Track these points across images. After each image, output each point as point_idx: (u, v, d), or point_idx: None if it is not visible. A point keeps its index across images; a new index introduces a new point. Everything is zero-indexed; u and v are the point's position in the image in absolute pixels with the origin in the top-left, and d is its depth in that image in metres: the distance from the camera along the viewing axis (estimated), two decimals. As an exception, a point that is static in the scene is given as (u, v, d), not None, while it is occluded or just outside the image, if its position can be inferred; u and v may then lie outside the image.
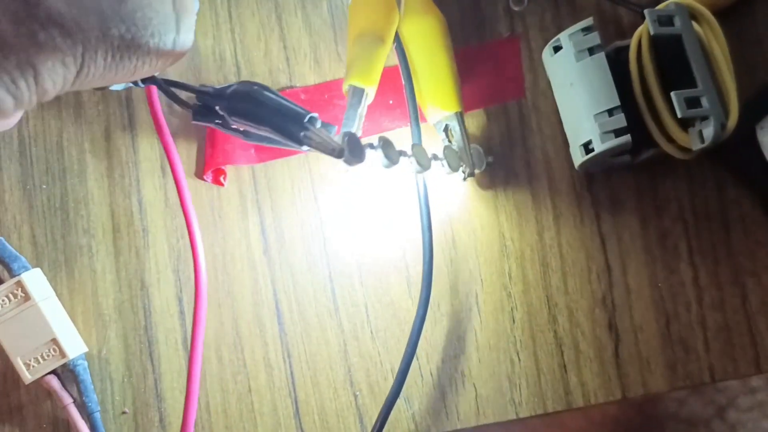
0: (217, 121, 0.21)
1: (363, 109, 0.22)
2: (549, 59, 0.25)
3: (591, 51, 0.23)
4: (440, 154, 0.24)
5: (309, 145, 0.19)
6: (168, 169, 0.27)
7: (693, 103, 0.22)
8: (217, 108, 0.20)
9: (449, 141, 0.24)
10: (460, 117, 0.24)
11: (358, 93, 0.23)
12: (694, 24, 0.23)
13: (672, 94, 0.22)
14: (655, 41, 0.23)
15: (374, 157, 0.21)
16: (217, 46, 0.27)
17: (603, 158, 0.24)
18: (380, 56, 0.23)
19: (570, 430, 0.48)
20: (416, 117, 0.24)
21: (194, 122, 0.21)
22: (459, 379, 0.25)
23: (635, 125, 0.23)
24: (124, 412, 0.26)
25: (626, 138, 0.23)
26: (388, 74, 0.24)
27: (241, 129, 0.21)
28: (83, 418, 0.25)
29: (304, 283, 0.27)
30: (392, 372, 0.25)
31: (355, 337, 0.26)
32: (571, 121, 0.24)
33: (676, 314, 0.25)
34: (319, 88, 0.27)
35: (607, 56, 0.23)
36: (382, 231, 0.26)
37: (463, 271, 0.25)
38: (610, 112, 0.23)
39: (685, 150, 0.23)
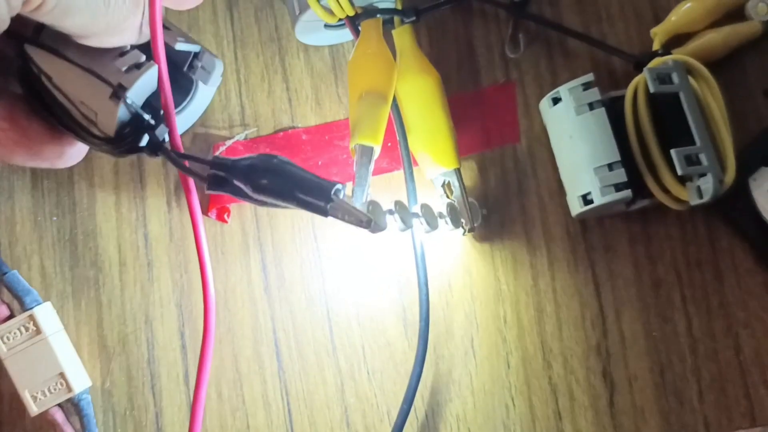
0: (231, 188, 0.18)
1: (372, 167, 0.20)
2: (547, 110, 0.23)
3: (591, 106, 0.21)
4: (444, 211, 0.22)
5: (335, 217, 0.17)
6: (173, 204, 0.23)
7: (692, 160, 0.20)
8: (236, 182, 0.17)
9: (447, 196, 0.22)
10: (459, 173, 0.22)
11: (367, 152, 0.20)
12: (691, 79, 0.21)
13: (672, 152, 0.20)
14: (651, 95, 0.21)
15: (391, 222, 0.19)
16: (223, 86, 0.25)
17: (600, 209, 0.21)
18: (384, 114, 0.21)
19: None
20: (411, 175, 0.22)
21: (209, 192, 0.18)
22: (454, 423, 0.21)
23: (630, 175, 0.21)
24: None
25: (627, 192, 0.21)
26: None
27: (259, 199, 0.18)
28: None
29: (302, 321, 0.23)
30: (388, 414, 0.22)
31: (352, 377, 0.22)
32: (569, 172, 0.23)
33: (670, 364, 0.21)
34: (320, 129, 0.24)
35: (603, 104, 0.21)
36: (379, 272, 0.23)
37: (459, 314, 0.23)
38: (611, 166, 0.21)
39: (681, 201, 0.21)
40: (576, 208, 0.22)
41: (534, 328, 0.22)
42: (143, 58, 0.16)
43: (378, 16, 0.21)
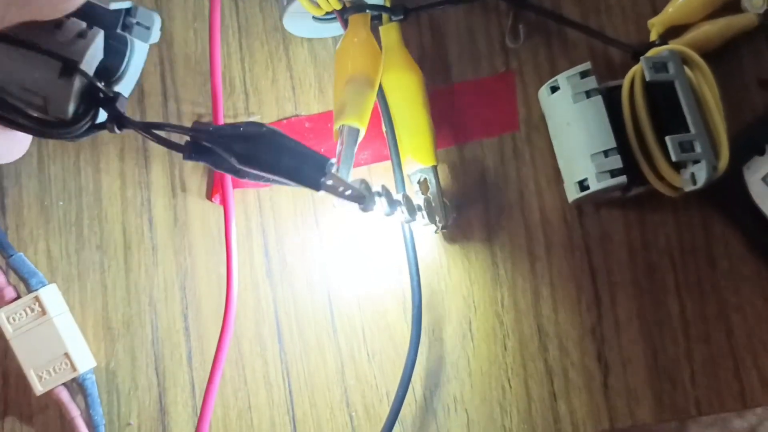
0: (213, 158, 0.16)
1: (356, 149, 0.21)
2: (546, 98, 0.23)
3: (588, 94, 0.22)
4: (422, 204, 0.22)
5: (328, 191, 0.16)
6: (178, 189, 0.24)
7: (686, 146, 0.20)
8: (219, 151, 0.15)
9: (422, 193, 0.22)
10: (435, 171, 0.22)
11: (353, 133, 0.21)
12: (686, 69, 0.22)
13: (667, 138, 0.20)
14: (647, 84, 0.21)
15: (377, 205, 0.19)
16: (228, 73, 0.24)
17: (597, 195, 0.22)
18: (371, 99, 0.21)
19: None
20: (399, 164, 0.22)
21: (186, 160, 0.16)
22: (451, 404, 0.21)
23: (626, 162, 0.21)
24: (129, 424, 0.22)
25: (622, 178, 0.21)
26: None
27: (243, 171, 0.16)
28: (89, 430, 0.22)
29: (304, 304, 0.23)
30: (387, 395, 0.22)
31: (352, 358, 0.22)
32: (566, 158, 0.23)
33: (663, 347, 0.21)
34: (323, 117, 0.25)
35: (601, 94, 0.22)
36: (379, 256, 0.23)
37: (457, 297, 0.23)
38: (606, 153, 0.21)
39: (675, 188, 0.22)
40: (573, 194, 0.22)
41: (530, 312, 0.23)
42: (84, 25, 0.14)
43: (366, 11, 0.22)
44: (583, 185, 0.22)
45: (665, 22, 0.23)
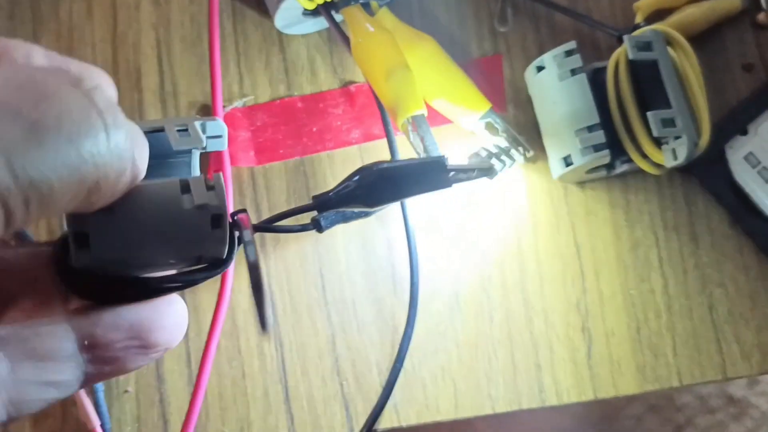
0: (340, 216, 0.17)
1: (430, 128, 0.22)
2: (532, 78, 0.24)
3: (573, 72, 0.22)
4: (493, 151, 0.23)
5: (459, 182, 0.16)
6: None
7: (667, 123, 0.21)
8: (348, 210, 0.16)
9: (494, 135, 0.23)
10: (493, 111, 0.23)
11: (421, 119, 0.22)
12: (669, 49, 0.22)
13: (648, 114, 0.21)
14: (631, 63, 0.22)
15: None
16: (223, 56, 0.25)
17: (581, 171, 0.22)
18: (413, 79, 0.22)
19: None
20: (392, 139, 0.23)
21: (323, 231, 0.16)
22: (439, 374, 0.22)
23: (611, 141, 0.22)
24: (126, 391, 0.23)
25: (605, 153, 0.22)
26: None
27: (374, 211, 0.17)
28: (88, 395, 0.23)
29: (296, 278, 0.24)
30: (376, 364, 0.23)
31: (343, 330, 0.23)
32: (551, 136, 0.23)
33: (646, 320, 0.22)
34: (315, 97, 0.26)
35: (587, 75, 0.22)
36: (370, 231, 0.24)
37: (446, 273, 0.24)
38: (590, 128, 0.22)
39: (658, 166, 0.22)
40: (557, 170, 0.23)
41: (517, 286, 0.23)
42: (202, 176, 0.13)
43: (353, 2, 0.22)
44: (567, 161, 0.22)
45: (651, 5, 0.24)
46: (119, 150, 0.10)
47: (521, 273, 0.24)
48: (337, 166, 0.25)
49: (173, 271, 0.13)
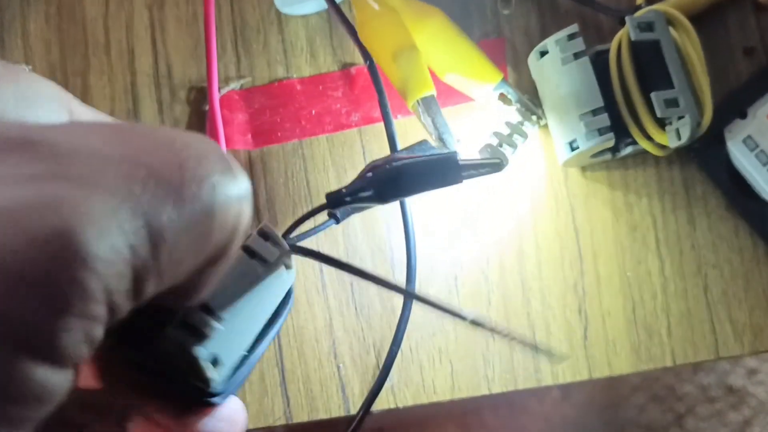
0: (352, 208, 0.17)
1: (439, 108, 0.22)
2: (535, 63, 0.24)
3: (576, 56, 0.22)
4: (505, 126, 0.23)
5: (470, 178, 0.17)
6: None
7: (671, 103, 0.21)
8: (361, 205, 0.17)
9: (508, 104, 0.24)
10: (505, 80, 0.23)
11: (431, 101, 0.22)
12: (671, 30, 0.22)
13: (652, 95, 0.21)
14: (634, 45, 0.22)
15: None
16: (219, 36, 0.25)
17: (586, 156, 0.23)
18: (424, 61, 0.22)
19: None
20: (390, 122, 0.23)
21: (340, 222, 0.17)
22: (436, 356, 0.23)
23: (615, 124, 0.22)
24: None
25: (609, 136, 0.22)
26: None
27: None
28: None
29: (294, 261, 0.24)
30: (374, 346, 0.23)
31: (341, 313, 0.23)
32: (556, 121, 0.23)
33: (642, 301, 0.23)
34: (314, 79, 0.26)
35: (589, 59, 0.22)
36: (369, 212, 0.24)
37: (444, 255, 0.24)
38: (594, 112, 0.22)
39: (662, 147, 0.22)
40: (563, 155, 0.23)
41: (515, 268, 0.23)
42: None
43: None
44: (572, 146, 0.22)
45: (652, -15, 0.24)
46: (247, 192, 0.10)
47: (519, 255, 0.24)
48: (337, 149, 0.25)
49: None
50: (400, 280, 0.23)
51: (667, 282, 0.23)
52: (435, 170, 0.17)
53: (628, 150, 0.23)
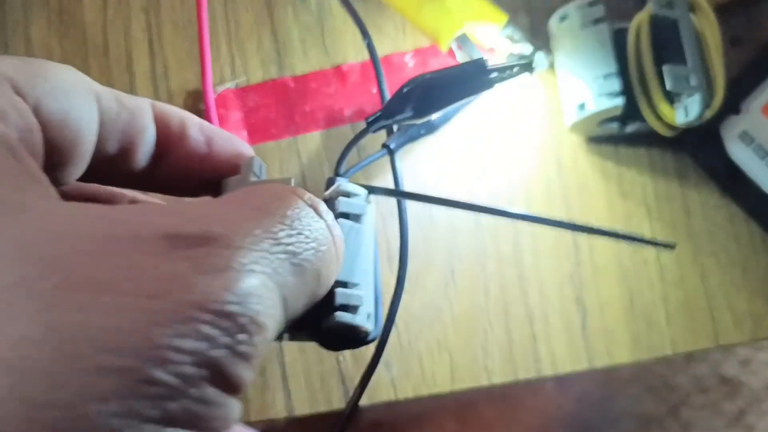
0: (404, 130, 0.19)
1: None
2: (555, 27, 0.24)
3: (595, 22, 0.23)
4: (523, 55, 0.24)
5: (501, 81, 0.18)
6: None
7: (682, 78, 0.21)
8: (399, 123, 0.17)
9: (515, 43, 0.24)
10: (511, 22, 0.24)
11: (464, 38, 0.23)
12: (691, 14, 0.22)
13: (664, 67, 0.21)
14: (653, 25, 0.22)
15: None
16: (214, 39, 0.26)
17: (594, 121, 0.23)
18: (446, 2, 0.23)
19: (527, 427, 0.45)
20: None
21: (397, 150, 0.18)
22: (435, 347, 0.23)
23: (628, 100, 0.22)
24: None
25: (619, 101, 0.22)
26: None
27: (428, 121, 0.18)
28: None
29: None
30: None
31: (339, 308, 0.23)
32: (568, 84, 0.24)
33: (639, 290, 0.23)
34: (307, 78, 0.26)
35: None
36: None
37: (440, 247, 0.24)
38: (607, 76, 0.22)
39: (669, 128, 0.22)
40: (572, 118, 0.23)
41: (511, 259, 0.24)
42: None
43: None
44: (582, 108, 0.22)
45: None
46: (341, 240, 0.12)
47: (515, 246, 0.24)
48: (331, 144, 0.26)
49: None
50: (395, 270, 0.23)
51: (665, 271, 0.23)
52: (466, 77, 0.17)
53: (636, 126, 0.23)
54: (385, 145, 0.18)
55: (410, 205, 0.24)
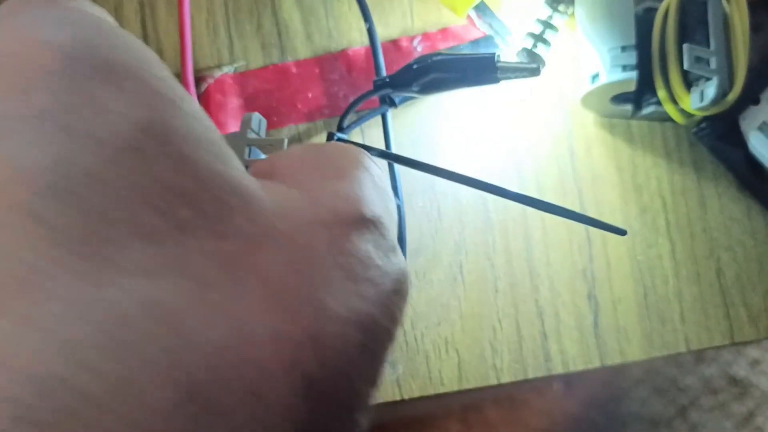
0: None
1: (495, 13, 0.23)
2: None
3: None
4: (540, 20, 0.23)
5: (506, 80, 0.18)
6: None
7: (701, 61, 0.21)
8: (404, 93, 0.18)
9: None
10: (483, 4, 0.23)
11: (482, 7, 0.23)
12: (724, 1, 0.22)
13: (684, 46, 0.21)
14: (682, 8, 0.21)
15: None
16: (211, 20, 0.24)
17: (606, 96, 0.22)
18: None
19: (532, 429, 0.45)
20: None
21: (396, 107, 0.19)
22: (442, 345, 0.22)
23: (644, 80, 0.22)
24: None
25: (633, 74, 0.21)
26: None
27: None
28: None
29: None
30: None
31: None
32: (584, 55, 0.23)
33: (653, 286, 0.22)
34: (310, 62, 0.25)
35: (636, 15, 0.22)
36: None
37: (448, 241, 0.23)
38: (624, 48, 0.22)
39: (683, 114, 0.22)
40: (584, 89, 0.22)
41: (522, 254, 0.23)
42: None
43: None
44: (595, 78, 0.22)
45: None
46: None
47: (526, 241, 0.23)
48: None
49: None
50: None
51: (679, 266, 0.23)
52: (474, 68, 0.18)
53: (650, 109, 0.22)
54: (386, 99, 0.18)
55: (416, 197, 0.23)
